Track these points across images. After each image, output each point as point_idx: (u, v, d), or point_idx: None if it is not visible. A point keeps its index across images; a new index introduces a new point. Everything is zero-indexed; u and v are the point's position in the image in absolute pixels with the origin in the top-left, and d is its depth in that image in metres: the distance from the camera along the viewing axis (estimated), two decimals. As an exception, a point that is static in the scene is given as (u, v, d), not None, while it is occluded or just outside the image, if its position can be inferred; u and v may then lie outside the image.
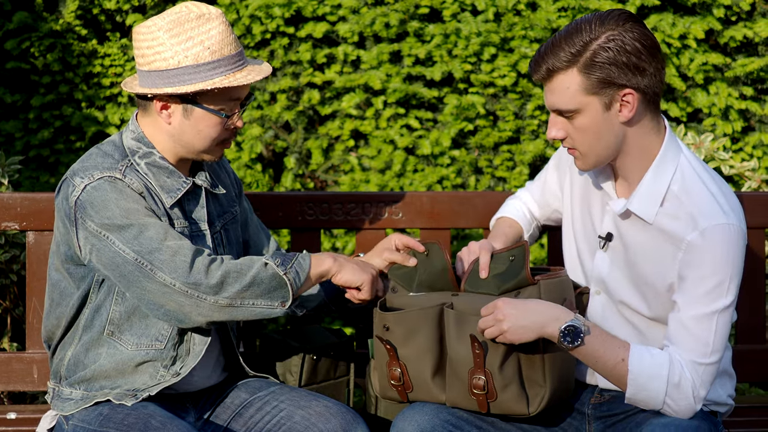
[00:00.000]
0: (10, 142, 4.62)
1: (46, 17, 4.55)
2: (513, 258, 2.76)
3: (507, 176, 4.64)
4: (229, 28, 2.76)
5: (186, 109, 2.75)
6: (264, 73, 2.80)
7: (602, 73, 2.55)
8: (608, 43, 2.54)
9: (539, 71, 2.60)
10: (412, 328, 2.75)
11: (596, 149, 2.63)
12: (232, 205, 2.99)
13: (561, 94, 2.59)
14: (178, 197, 2.79)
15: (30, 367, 3.32)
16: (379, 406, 3.03)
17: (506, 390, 2.68)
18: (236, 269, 2.68)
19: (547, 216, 3.05)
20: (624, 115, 2.60)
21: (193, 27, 2.71)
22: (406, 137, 4.61)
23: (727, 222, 2.58)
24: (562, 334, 2.58)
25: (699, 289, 2.58)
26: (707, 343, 2.59)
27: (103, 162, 2.76)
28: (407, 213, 3.41)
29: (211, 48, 2.72)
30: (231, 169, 3.08)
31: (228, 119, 2.77)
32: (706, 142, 4.15)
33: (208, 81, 2.71)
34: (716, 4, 4.57)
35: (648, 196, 2.66)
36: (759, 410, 3.38)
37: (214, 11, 2.75)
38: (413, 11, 4.59)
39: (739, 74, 4.60)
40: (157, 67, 2.71)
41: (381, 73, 4.57)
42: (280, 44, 4.59)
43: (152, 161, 2.79)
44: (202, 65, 2.71)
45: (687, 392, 2.59)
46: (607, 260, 2.77)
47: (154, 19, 2.72)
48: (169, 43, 2.70)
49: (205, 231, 2.85)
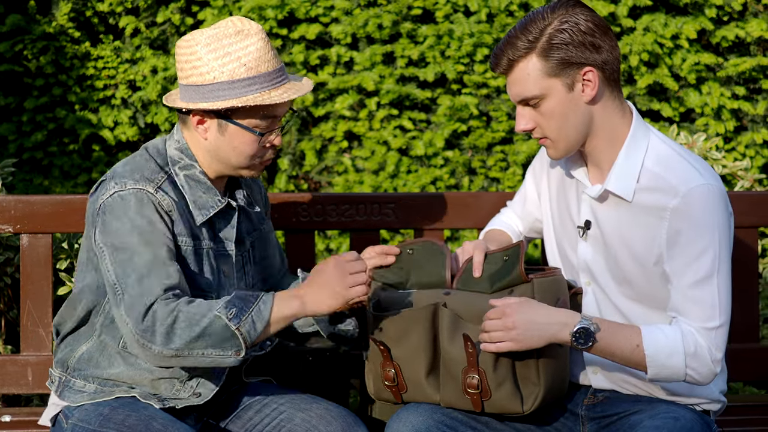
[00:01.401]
0: (4, 145, 4.62)
1: (39, 20, 4.55)
2: (507, 258, 2.77)
3: (500, 177, 4.64)
4: (269, 45, 2.73)
5: (220, 125, 2.73)
6: (303, 90, 2.77)
7: (560, 53, 2.61)
8: (562, 25, 2.61)
9: (500, 64, 2.66)
10: (405, 329, 2.75)
11: (565, 132, 2.67)
12: (262, 223, 2.99)
13: (523, 81, 2.64)
14: (209, 215, 2.78)
15: (24, 370, 3.31)
16: (374, 408, 3.03)
17: (500, 388, 2.68)
18: (187, 318, 2.61)
19: (529, 227, 3.06)
20: (587, 94, 2.65)
21: (231, 43, 2.69)
22: (399, 138, 4.61)
23: (705, 182, 2.62)
24: (574, 338, 2.61)
25: (690, 255, 2.62)
26: (713, 306, 2.63)
27: (145, 167, 2.75)
28: (401, 214, 3.41)
29: (248, 64, 2.69)
30: (262, 185, 3.07)
31: (263, 137, 2.75)
32: (698, 142, 4.16)
33: (241, 98, 2.69)
34: (708, 5, 4.58)
35: (623, 174, 2.69)
36: (753, 409, 3.38)
37: (254, 27, 2.73)
38: (406, 12, 4.60)
39: (732, 74, 4.61)
40: (193, 82, 2.71)
41: (374, 74, 4.57)
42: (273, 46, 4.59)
43: (191, 174, 2.78)
44: (237, 81, 2.69)
45: (705, 359, 2.63)
46: (589, 249, 2.79)
47: (194, 34, 2.72)
48: (206, 58, 2.69)
49: (230, 251, 2.83)
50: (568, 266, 2.85)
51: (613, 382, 2.83)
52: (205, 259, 2.78)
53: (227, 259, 2.83)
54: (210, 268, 2.78)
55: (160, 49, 4.67)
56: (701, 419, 2.73)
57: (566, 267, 2.86)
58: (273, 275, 3.07)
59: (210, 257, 2.79)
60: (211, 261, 2.79)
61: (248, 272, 2.90)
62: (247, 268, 2.90)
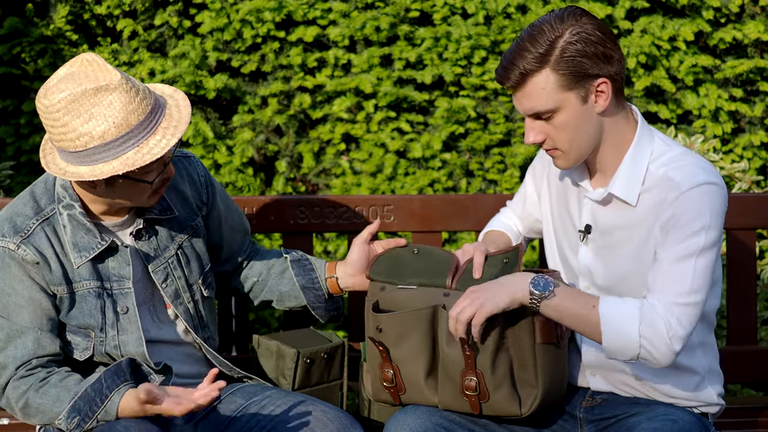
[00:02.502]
0: (1, 148, 4.62)
1: (37, 22, 4.55)
2: (507, 260, 2.77)
3: (498, 179, 4.65)
4: (132, 90, 2.58)
5: (108, 181, 2.67)
6: (180, 127, 2.65)
7: (575, 66, 2.57)
8: (573, 36, 2.57)
9: (510, 78, 2.60)
10: (405, 330, 2.75)
11: (577, 144, 2.66)
12: (193, 219, 2.94)
13: (537, 96, 2.60)
14: (89, 258, 2.75)
15: (22, 373, 3.31)
16: (372, 410, 3.03)
17: (498, 391, 2.68)
18: (36, 407, 2.68)
19: (529, 227, 3.06)
20: (600, 104, 2.63)
21: (94, 103, 2.56)
22: (397, 140, 4.61)
23: (708, 180, 2.61)
24: (533, 284, 2.59)
25: (677, 236, 2.59)
26: (683, 282, 2.58)
27: (19, 213, 2.73)
28: (399, 216, 3.41)
29: (116, 122, 2.56)
30: (200, 171, 2.98)
31: (156, 179, 2.70)
32: (696, 144, 4.16)
33: (120, 157, 2.58)
34: (705, 6, 4.59)
35: (628, 178, 2.68)
36: (750, 411, 3.38)
37: (114, 78, 2.58)
38: (403, 15, 4.60)
39: (729, 76, 4.62)
40: (66, 147, 2.61)
41: (372, 76, 4.57)
42: (271, 48, 4.59)
43: (73, 214, 2.75)
44: (110, 143, 2.57)
45: (661, 330, 2.56)
46: (590, 253, 2.78)
47: (51, 95, 2.57)
48: (72, 124, 2.57)
49: (127, 290, 2.79)
50: (568, 270, 2.85)
51: (612, 384, 2.83)
52: (83, 302, 2.76)
53: (126, 296, 2.80)
54: (89, 310, 2.76)
55: (158, 51, 4.67)
56: (699, 422, 2.73)
57: (566, 270, 2.86)
58: (236, 252, 3.09)
59: (91, 298, 2.76)
60: (92, 302, 2.76)
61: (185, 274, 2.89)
62: (176, 273, 2.87)
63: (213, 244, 3.03)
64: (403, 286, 2.82)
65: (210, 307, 2.98)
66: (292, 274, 3.06)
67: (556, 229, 2.88)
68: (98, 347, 2.78)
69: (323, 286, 3.05)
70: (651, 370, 2.74)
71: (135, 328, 2.80)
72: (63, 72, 2.62)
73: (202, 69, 4.57)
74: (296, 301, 3.07)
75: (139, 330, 2.80)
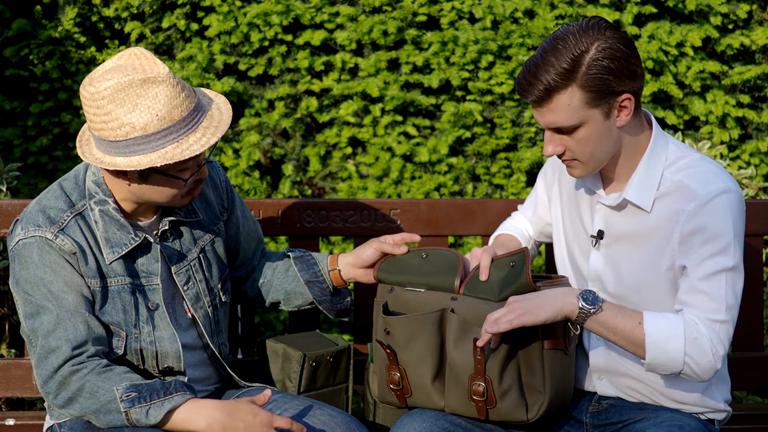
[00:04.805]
0: (9, 149, 4.63)
1: (45, 24, 4.56)
2: (513, 264, 2.76)
3: (504, 183, 4.64)
4: (178, 86, 2.60)
5: (142, 174, 2.67)
6: (220, 128, 2.66)
7: (602, 84, 2.56)
8: (599, 53, 2.55)
9: (533, 92, 2.58)
10: (413, 332, 2.75)
11: (597, 156, 2.65)
12: (215, 223, 2.96)
13: (562, 112, 2.58)
14: (122, 253, 2.74)
15: (28, 374, 3.31)
16: (377, 413, 3.03)
17: (505, 397, 2.68)
18: (92, 390, 2.63)
19: (540, 231, 3.06)
20: (622, 119, 2.62)
21: (140, 93, 2.57)
22: (403, 144, 4.61)
23: (725, 188, 2.62)
24: (582, 298, 2.59)
25: (704, 252, 2.60)
26: (719, 299, 2.61)
27: (52, 206, 2.73)
28: (405, 220, 3.41)
29: (159, 114, 2.57)
30: (221, 176, 3.01)
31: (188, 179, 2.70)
32: (703, 150, 4.16)
33: (159, 150, 2.59)
34: (713, 12, 4.58)
35: (643, 184, 2.68)
36: (757, 418, 3.38)
37: (162, 72, 2.59)
38: (411, 19, 4.60)
39: (736, 82, 4.61)
40: (105, 136, 2.61)
41: (379, 80, 4.57)
42: (278, 52, 4.59)
43: (105, 210, 2.74)
44: (151, 135, 2.58)
45: (705, 348, 2.60)
46: (601, 258, 2.78)
47: (97, 83, 2.58)
48: (115, 113, 2.57)
49: (155, 286, 2.79)
50: (578, 274, 2.85)
51: (618, 388, 2.82)
52: (116, 298, 2.75)
53: (155, 292, 2.80)
54: (122, 306, 2.76)
55: (166, 54, 4.67)
56: (706, 428, 2.72)
57: (575, 275, 2.85)
58: (250, 259, 3.10)
59: (125, 294, 2.76)
60: (126, 298, 2.76)
61: (206, 278, 2.89)
62: (198, 276, 2.87)
63: (229, 250, 3.03)
64: (412, 288, 2.82)
65: (225, 312, 2.98)
66: (295, 270, 3.05)
67: (567, 233, 2.88)
68: (132, 344, 2.76)
69: (327, 278, 3.04)
70: (658, 374, 2.74)
71: (166, 324, 2.80)
72: (110, 64, 2.63)
73: (209, 72, 4.58)
74: (303, 298, 3.06)
75: (170, 327, 2.80)
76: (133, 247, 2.76)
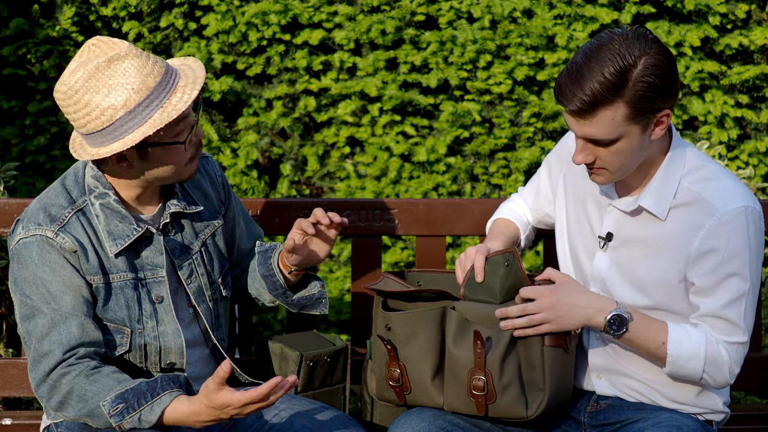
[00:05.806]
0: (7, 148, 4.62)
1: (43, 24, 4.56)
2: (508, 263, 2.76)
3: (503, 183, 4.64)
4: (142, 55, 2.62)
5: (141, 153, 2.67)
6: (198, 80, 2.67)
7: (647, 101, 2.52)
8: (647, 69, 2.50)
9: (576, 102, 2.52)
10: (413, 329, 2.75)
11: (625, 167, 2.64)
12: (215, 217, 2.95)
13: (604, 126, 2.54)
14: (125, 245, 2.74)
15: (25, 373, 3.30)
16: (375, 413, 3.02)
17: (506, 392, 2.68)
18: (81, 393, 2.63)
19: (539, 219, 3.06)
20: (657, 133, 2.60)
21: (110, 74, 2.59)
22: (401, 144, 4.61)
23: (744, 205, 2.62)
24: (608, 323, 2.65)
25: (723, 274, 2.63)
26: (738, 324, 2.66)
27: (53, 204, 2.72)
28: (403, 220, 3.41)
29: (135, 87, 2.59)
30: (217, 171, 3.01)
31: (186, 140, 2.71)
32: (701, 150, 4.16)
33: (147, 122, 2.61)
34: (712, 12, 4.58)
35: (660, 192, 2.67)
36: (755, 418, 3.38)
37: (122, 46, 2.61)
38: (409, 18, 4.60)
39: (735, 82, 4.61)
40: (93, 128, 2.62)
41: (377, 80, 4.57)
42: (276, 51, 4.59)
43: (106, 203, 2.74)
44: (134, 109, 2.59)
45: (723, 369, 2.67)
46: (606, 260, 2.77)
47: (66, 79, 2.60)
48: (93, 101, 2.59)
49: (161, 279, 2.79)
50: (580, 274, 2.84)
51: (617, 388, 2.82)
52: (119, 294, 2.75)
53: (160, 285, 2.80)
54: (126, 302, 2.76)
55: (164, 53, 4.67)
56: (704, 429, 2.72)
57: (577, 274, 2.85)
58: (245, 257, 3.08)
59: (128, 289, 2.76)
60: (129, 294, 2.76)
61: (207, 272, 2.89)
62: (200, 270, 2.88)
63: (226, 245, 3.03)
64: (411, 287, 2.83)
65: (225, 307, 2.98)
66: (255, 265, 3.04)
67: (571, 231, 2.87)
68: (137, 340, 2.76)
69: (277, 271, 2.99)
70: (657, 374, 2.74)
71: (170, 318, 2.79)
72: (74, 64, 2.64)
73: (207, 71, 4.57)
74: (266, 293, 3.03)
75: (175, 321, 2.79)
76: (135, 239, 2.76)
